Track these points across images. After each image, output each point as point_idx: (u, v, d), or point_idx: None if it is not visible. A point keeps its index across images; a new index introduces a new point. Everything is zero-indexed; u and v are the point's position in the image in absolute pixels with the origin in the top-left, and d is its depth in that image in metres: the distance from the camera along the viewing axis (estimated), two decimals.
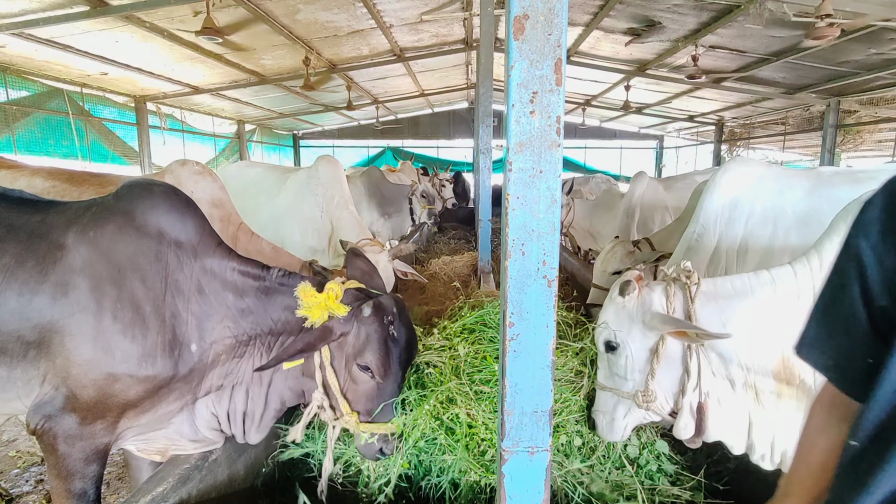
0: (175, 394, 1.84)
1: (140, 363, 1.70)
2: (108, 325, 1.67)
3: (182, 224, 1.87)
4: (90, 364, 1.67)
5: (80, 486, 1.76)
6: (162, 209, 1.85)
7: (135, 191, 1.89)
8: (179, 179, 3.00)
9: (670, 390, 1.88)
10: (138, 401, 1.75)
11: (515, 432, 1.39)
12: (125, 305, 1.70)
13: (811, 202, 2.94)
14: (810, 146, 12.79)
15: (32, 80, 8.01)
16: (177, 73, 9.17)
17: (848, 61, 8.00)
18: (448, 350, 2.41)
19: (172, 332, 1.77)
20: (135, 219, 1.80)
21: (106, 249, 1.73)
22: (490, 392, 2.18)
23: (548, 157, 1.24)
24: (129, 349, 1.69)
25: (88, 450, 1.75)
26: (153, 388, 1.75)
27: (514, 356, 1.34)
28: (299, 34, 8.00)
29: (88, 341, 1.66)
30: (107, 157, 9.63)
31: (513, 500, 1.43)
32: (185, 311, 1.80)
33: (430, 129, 19.12)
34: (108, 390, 1.69)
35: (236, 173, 5.51)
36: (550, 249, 1.28)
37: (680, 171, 18.43)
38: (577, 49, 9.95)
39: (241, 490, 2.15)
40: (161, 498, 1.76)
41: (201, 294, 1.85)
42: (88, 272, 1.69)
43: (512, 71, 1.22)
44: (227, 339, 1.88)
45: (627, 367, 1.91)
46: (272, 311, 1.94)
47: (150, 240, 1.79)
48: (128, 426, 1.82)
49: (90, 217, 1.79)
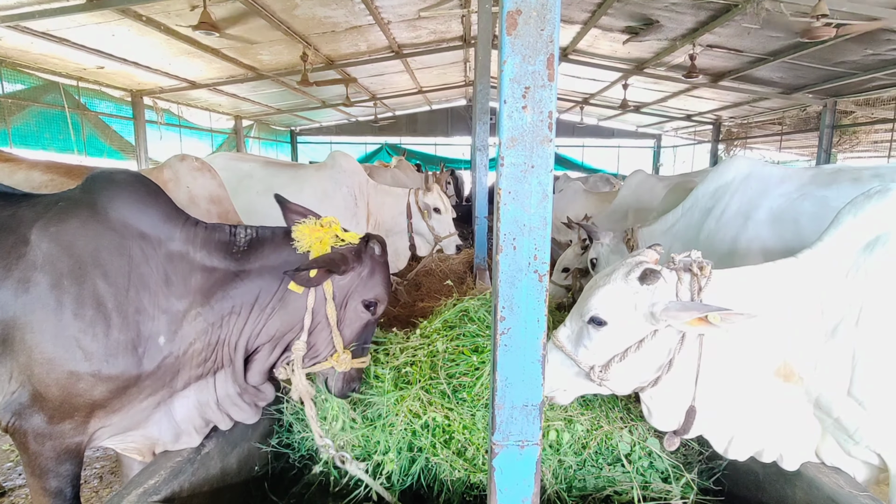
0: (146, 391, 1.79)
1: (102, 362, 1.66)
2: (69, 322, 1.63)
3: (145, 214, 1.80)
4: (52, 363, 1.63)
5: (54, 485, 1.74)
6: (125, 201, 1.78)
7: (98, 183, 1.82)
8: (178, 175, 2.98)
9: (642, 375, 1.82)
10: (105, 400, 1.71)
11: (506, 426, 1.40)
12: (86, 302, 1.65)
13: (790, 201, 2.96)
14: (807, 146, 12.84)
15: (28, 74, 7.97)
16: (174, 67, 9.14)
17: (844, 62, 8.03)
18: (426, 347, 2.41)
19: (137, 329, 1.71)
20: (97, 212, 1.74)
21: (67, 244, 1.67)
22: (470, 383, 2.20)
23: (539, 153, 1.25)
24: (91, 347, 1.64)
25: (59, 448, 1.72)
26: (119, 386, 1.71)
27: (504, 350, 1.35)
28: (297, 29, 7.98)
29: (49, 339, 1.62)
30: (103, 151, 9.60)
31: (503, 494, 1.44)
32: (151, 306, 1.75)
33: (428, 126, 19.10)
34: (72, 389, 1.65)
35: (223, 165, 5.18)
36: (542, 244, 1.29)
37: (677, 170, 18.48)
38: (575, 47, 9.96)
39: (234, 483, 2.15)
40: (153, 491, 1.76)
41: (168, 285, 1.78)
42: (49, 268, 1.64)
43: (504, 66, 1.22)
44: (200, 324, 1.81)
45: (602, 345, 1.81)
46: (254, 275, 1.85)
47: (112, 234, 1.73)
48: (100, 426, 1.78)
49: (55, 211, 1.73)
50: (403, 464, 2.20)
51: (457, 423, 2.14)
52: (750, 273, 1.84)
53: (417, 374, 2.28)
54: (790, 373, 1.77)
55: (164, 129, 11.28)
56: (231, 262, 1.87)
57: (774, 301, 1.77)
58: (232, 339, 1.90)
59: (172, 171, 2.95)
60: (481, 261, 5.61)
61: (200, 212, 2.85)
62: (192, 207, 2.88)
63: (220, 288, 1.84)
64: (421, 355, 2.37)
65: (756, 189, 3.10)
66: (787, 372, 1.77)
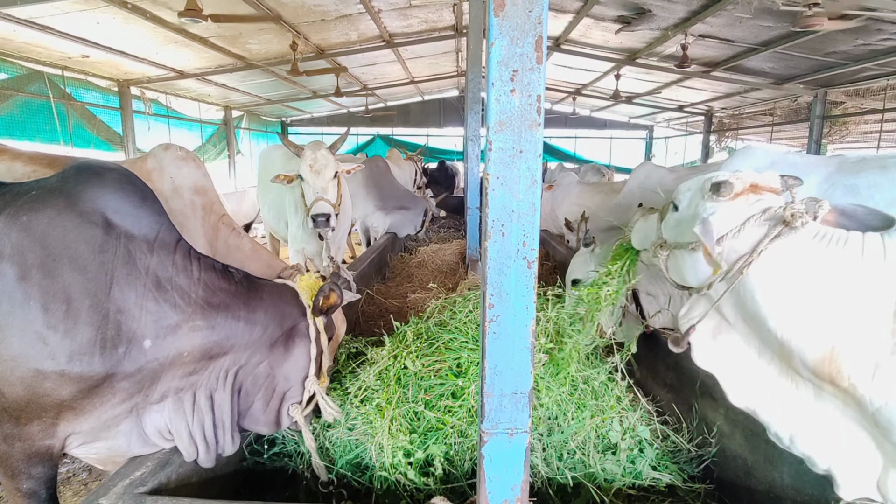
0: (121, 394, 1.71)
1: (72, 360, 1.58)
2: (37, 317, 1.55)
3: (135, 216, 1.74)
4: (17, 359, 1.55)
5: (28, 486, 1.71)
6: (113, 197, 1.71)
7: (83, 174, 1.74)
8: (162, 164, 2.92)
9: (693, 272, 1.79)
10: (73, 400, 1.63)
11: (495, 414, 1.40)
12: (57, 297, 1.57)
13: (822, 191, 2.91)
14: (797, 137, 12.89)
15: (11, 63, 7.81)
16: (161, 56, 8.99)
17: (835, 52, 8.04)
18: (392, 366, 2.32)
19: (117, 328, 1.64)
20: (77, 204, 1.66)
21: (40, 235, 1.59)
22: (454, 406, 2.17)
23: (528, 137, 1.23)
24: (61, 344, 1.57)
25: (29, 451, 1.67)
26: (89, 387, 1.64)
27: (493, 338, 1.34)
28: (286, 18, 7.87)
29: (15, 334, 1.54)
30: (90, 142, 9.45)
31: (492, 482, 1.44)
32: (136, 307, 1.68)
33: (421, 117, 18.99)
34: (38, 389, 1.58)
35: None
36: (530, 230, 1.27)
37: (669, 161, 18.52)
38: (568, 37, 9.91)
39: (223, 475, 2.14)
40: (139, 482, 1.74)
41: (160, 290, 1.73)
42: (17, 259, 1.55)
43: (492, 48, 1.20)
44: (196, 337, 1.78)
45: (671, 226, 1.97)
46: (253, 314, 1.93)
47: (93, 228, 1.65)
48: (70, 431, 1.71)
49: (27, 199, 1.64)
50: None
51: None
52: (839, 245, 1.52)
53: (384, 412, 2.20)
54: (839, 375, 1.47)
55: (152, 119, 11.10)
56: (235, 288, 1.92)
57: (838, 283, 1.48)
58: (227, 365, 1.92)
59: (156, 161, 2.89)
60: (474, 251, 5.60)
61: (184, 202, 2.79)
62: (176, 198, 2.82)
63: (224, 310, 1.85)
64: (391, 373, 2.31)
65: None
66: (833, 372, 1.47)
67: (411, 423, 2.17)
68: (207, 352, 1.82)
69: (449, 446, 2.11)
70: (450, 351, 2.35)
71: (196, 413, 1.88)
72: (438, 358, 2.31)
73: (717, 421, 2.29)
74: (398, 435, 2.09)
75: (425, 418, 2.15)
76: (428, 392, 2.20)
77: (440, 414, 2.15)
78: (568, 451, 2.19)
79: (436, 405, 2.18)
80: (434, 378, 2.24)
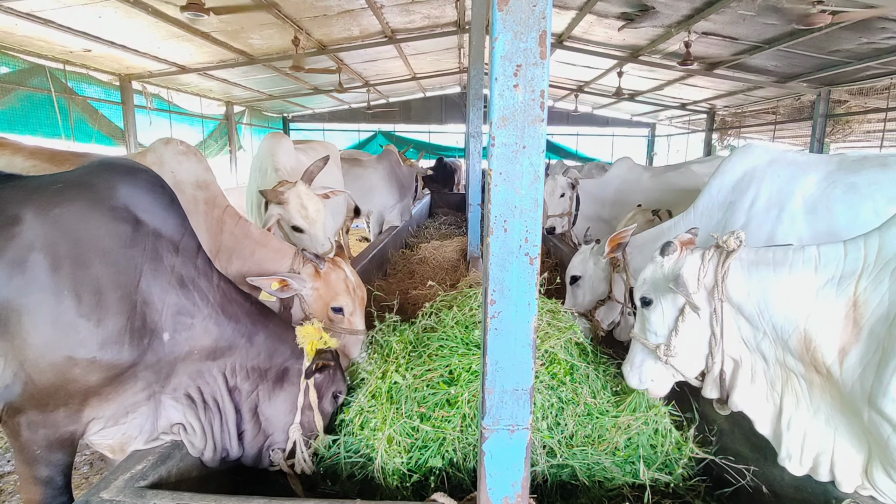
0: (142, 383, 1.79)
1: (103, 347, 1.64)
2: (70, 306, 1.60)
3: (164, 218, 1.84)
4: (49, 346, 1.59)
5: (45, 473, 1.72)
6: (144, 198, 1.80)
7: (115, 172, 1.82)
8: (162, 159, 2.90)
9: (699, 351, 1.91)
10: (100, 387, 1.69)
11: (496, 410, 1.39)
12: (89, 288, 1.62)
13: (822, 189, 2.87)
14: (800, 136, 12.85)
15: (13, 56, 7.79)
16: (162, 51, 8.97)
17: (839, 50, 8.01)
18: (382, 383, 2.29)
19: (143, 320, 1.72)
20: (108, 200, 1.73)
21: (71, 228, 1.64)
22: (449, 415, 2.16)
23: (531, 133, 1.22)
24: (93, 333, 1.62)
25: (52, 437, 1.70)
26: (116, 374, 1.70)
27: (495, 334, 1.33)
28: (288, 13, 7.85)
29: (47, 322, 1.58)
30: (92, 136, 9.43)
31: (493, 478, 1.44)
32: (160, 301, 1.76)
33: (422, 113, 18.96)
34: (68, 375, 1.62)
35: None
36: (533, 226, 1.27)
37: (671, 159, 18.49)
38: (571, 34, 9.87)
39: (223, 470, 2.14)
40: (140, 476, 1.74)
41: (183, 287, 1.82)
42: (49, 251, 1.60)
43: (496, 43, 1.19)
44: (206, 338, 1.88)
45: (657, 323, 2.00)
46: (255, 336, 2.03)
47: (124, 224, 1.72)
48: (93, 416, 1.76)
49: (53, 192, 1.69)
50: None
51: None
52: (786, 253, 1.74)
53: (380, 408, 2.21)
54: (816, 362, 1.63)
55: (153, 114, 11.09)
56: (248, 306, 2.05)
57: (802, 287, 1.66)
58: (227, 371, 2.00)
59: (157, 156, 2.88)
60: (475, 248, 5.59)
61: (186, 198, 2.77)
62: (178, 193, 2.79)
63: (234, 321, 1.95)
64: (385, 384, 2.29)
65: (785, 176, 2.96)
66: (813, 360, 1.63)
67: (409, 437, 2.14)
68: (212, 354, 1.91)
69: (448, 456, 2.11)
70: (440, 358, 2.29)
71: (207, 413, 1.96)
72: (429, 367, 2.26)
73: (717, 419, 2.28)
74: (395, 457, 2.07)
75: (422, 430, 2.13)
76: (421, 404, 2.17)
77: (437, 423, 2.13)
78: (568, 448, 2.18)
79: (431, 416, 2.15)
80: (427, 389, 2.20)
